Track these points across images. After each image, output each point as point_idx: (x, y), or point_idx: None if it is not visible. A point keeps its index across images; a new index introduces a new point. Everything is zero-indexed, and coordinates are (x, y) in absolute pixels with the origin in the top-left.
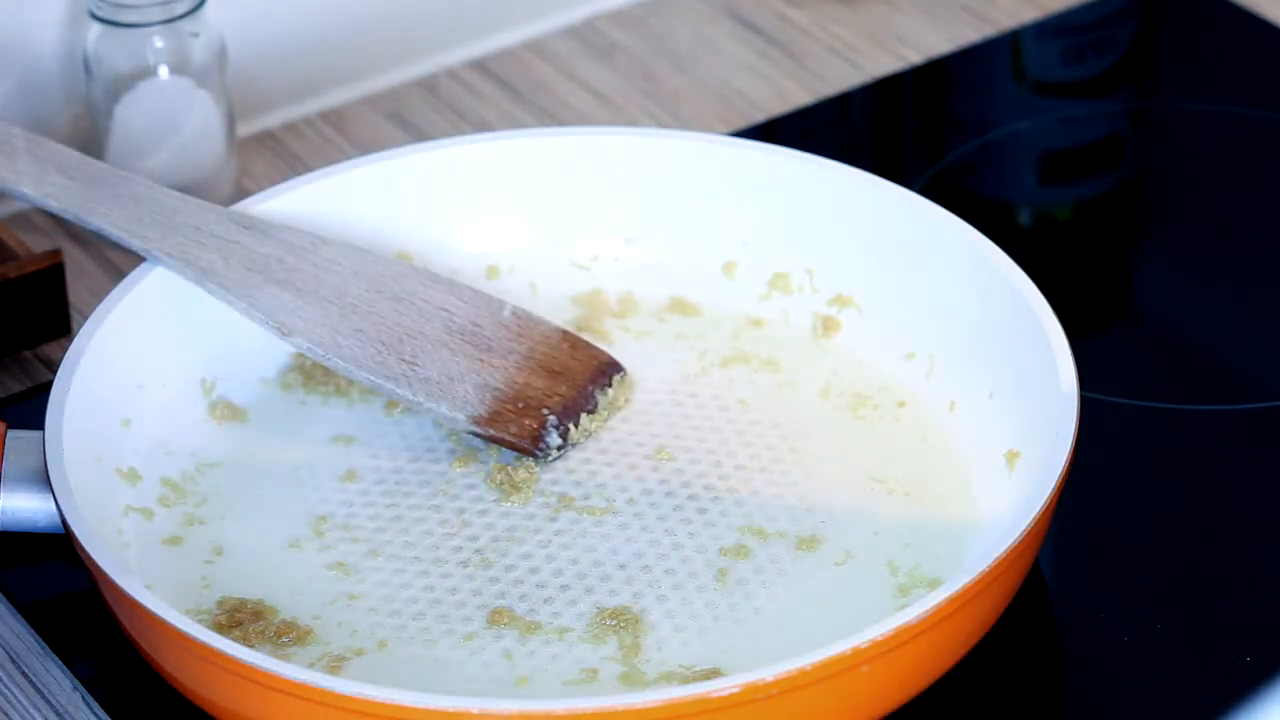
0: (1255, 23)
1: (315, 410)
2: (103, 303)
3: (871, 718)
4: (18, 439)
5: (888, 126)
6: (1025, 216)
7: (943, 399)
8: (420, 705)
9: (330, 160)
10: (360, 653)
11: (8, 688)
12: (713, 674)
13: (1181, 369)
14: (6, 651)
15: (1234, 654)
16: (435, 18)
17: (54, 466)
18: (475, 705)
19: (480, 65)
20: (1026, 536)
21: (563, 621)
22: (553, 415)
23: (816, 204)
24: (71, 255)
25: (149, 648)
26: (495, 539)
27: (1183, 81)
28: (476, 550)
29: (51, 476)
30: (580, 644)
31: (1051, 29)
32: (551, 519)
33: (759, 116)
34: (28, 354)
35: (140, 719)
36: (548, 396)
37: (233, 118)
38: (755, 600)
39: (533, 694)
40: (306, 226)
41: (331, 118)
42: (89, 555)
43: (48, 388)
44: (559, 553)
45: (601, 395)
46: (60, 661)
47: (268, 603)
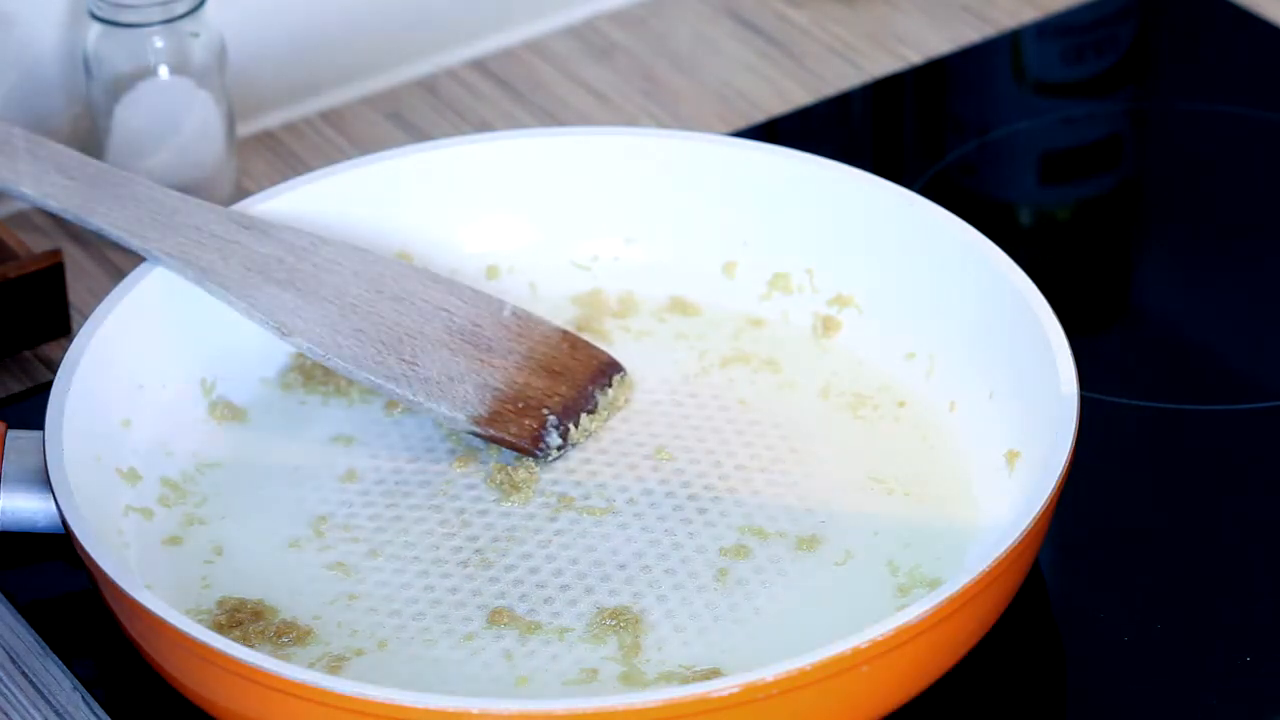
0: (1255, 23)
1: (315, 410)
2: (103, 303)
3: (871, 718)
4: (18, 439)
5: (888, 126)
6: (1025, 216)
7: (943, 399)
8: (420, 705)
9: (330, 160)
10: (360, 653)
11: (8, 688)
12: (713, 674)
13: (1181, 369)
14: (6, 651)
15: (1234, 654)
16: (435, 18)
17: (54, 466)
18: (475, 705)
19: (480, 65)
20: (1026, 536)
21: (563, 621)
22: (553, 415)
23: (816, 204)
24: (71, 255)
25: (149, 648)
26: (495, 539)
27: (1183, 81)
28: (476, 550)
29: (51, 476)
30: (580, 644)
31: (1051, 29)
32: (551, 519)
33: (759, 116)
34: (28, 354)
35: (140, 719)
36: (548, 396)
37: (233, 118)
38: (755, 600)
39: (533, 694)
40: (306, 226)
41: (331, 118)
42: (89, 555)
43: (48, 388)
44: (559, 553)
45: (601, 395)
46: (60, 661)
47: (268, 603)
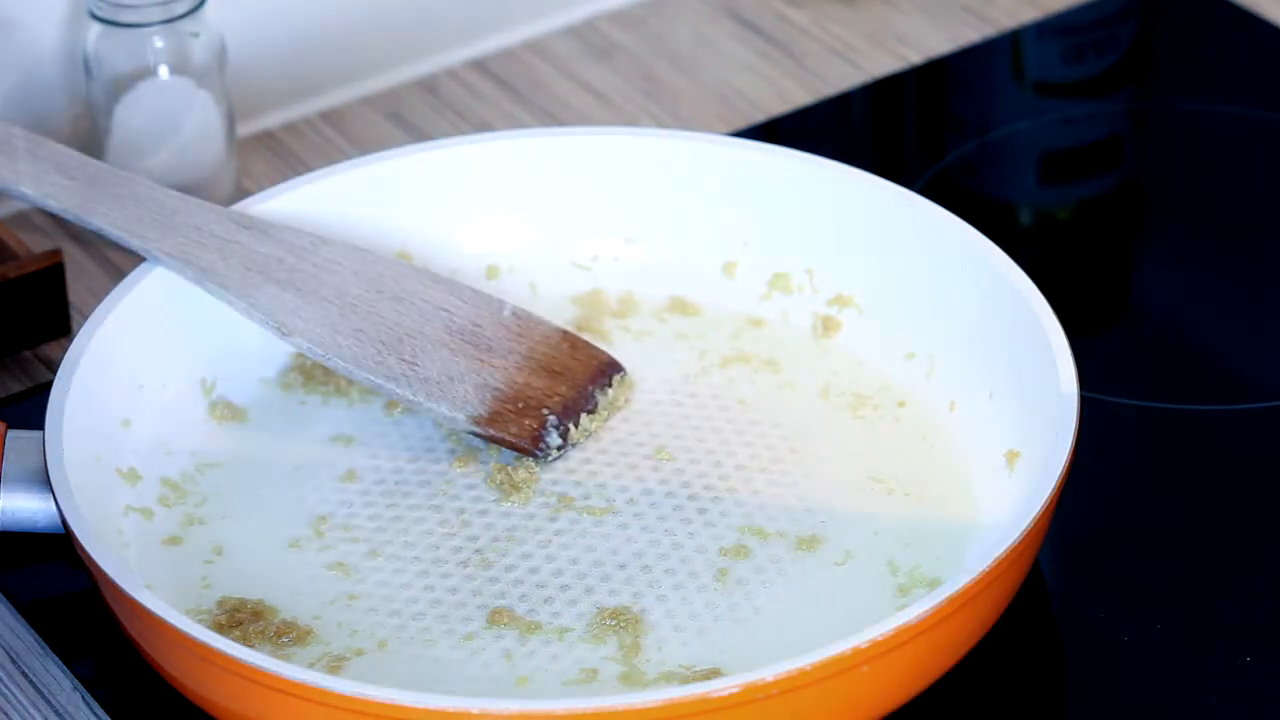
0: (1255, 23)
1: (315, 410)
2: (103, 303)
3: (871, 718)
4: (18, 439)
5: (888, 126)
6: (1025, 216)
7: (943, 399)
8: (420, 705)
9: (330, 160)
10: (360, 653)
11: (8, 688)
12: (713, 674)
13: (1181, 369)
14: (6, 651)
15: (1234, 654)
16: (435, 18)
17: (54, 466)
18: (475, 705)
19: (480, 65)
20: (1026, 536)
21: (563, 621)
22: (553, 415)
23: (816, 204)
24: (71, 255)
25: (149, 648)
26: (495, 539)
27: (1183, 81)
28: (476, 550)
29: (51, 476)
30: (580, 644)
31: (1051, 29)
32: (551, 519)
33: (759, 116)
34: (28, 354)
35: (140, 719)
36: (548, 396)
37: (233, 118)
38: (755, 600)
39: (533, 694)
40: (306, 226)
41: (331, 118)
42: (89, 555)
43: (48, 388)
44: (559, 553)
45: (601, 395)
46: (60, 661)
47: (268, 603)
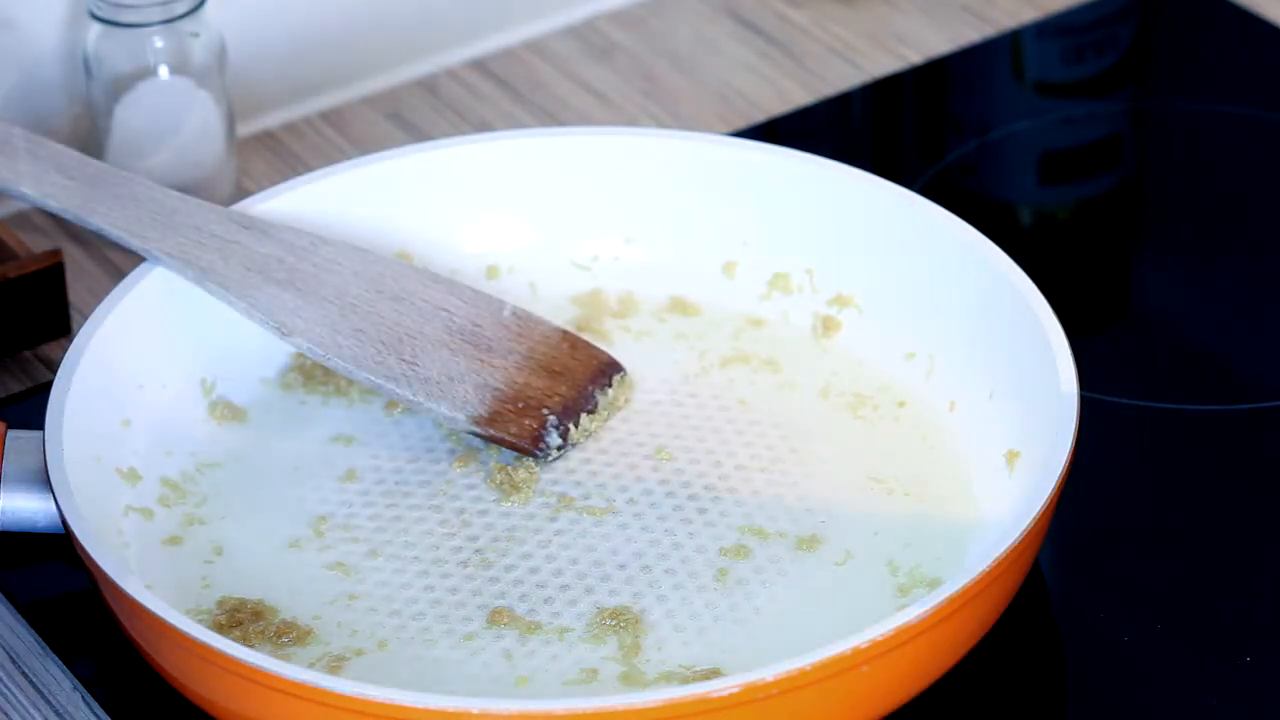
0: (1255, 23)
1: (315, 410)
2: (103, 303)
3: (871, 718)
4: (18, 439)
5: (888, 126)
6: (1025, 216)
7: (943, 399)
8: (420, 705)
9: (330, 160)
10: (360, 653)
11: (8, 688)
12: (713, 674)
13: (1181, 369)
14: (6, 651)
15: (1234, 654)
16: (435, 18)
17: (54, 466)
18: (475, 705)
19: (480, 65)
20: (1026, 536)
21: (563, 621)
22: (553, 415)
23: (816, 204)
24: (71, 255)
25: (149, 648)
26: (495, 539)
27: (1183, 81)
28: (476, 550)
29: (51, 476)
30: (580, 644)
31: (1051, 29)
32: (551, 519)
33: (759, 116)
34: (28, 354)
35: (140, 719)
36: (548, 396)
37: (233, 118)
38: (755, 600)
39: (533, 694)
40: (306, 226)
41: (331, 118)
42: (89, 555)
43: (48, 388)
44: (559, 553)
45: (601, 395)
46: (60, 661)
47: (268, 603)
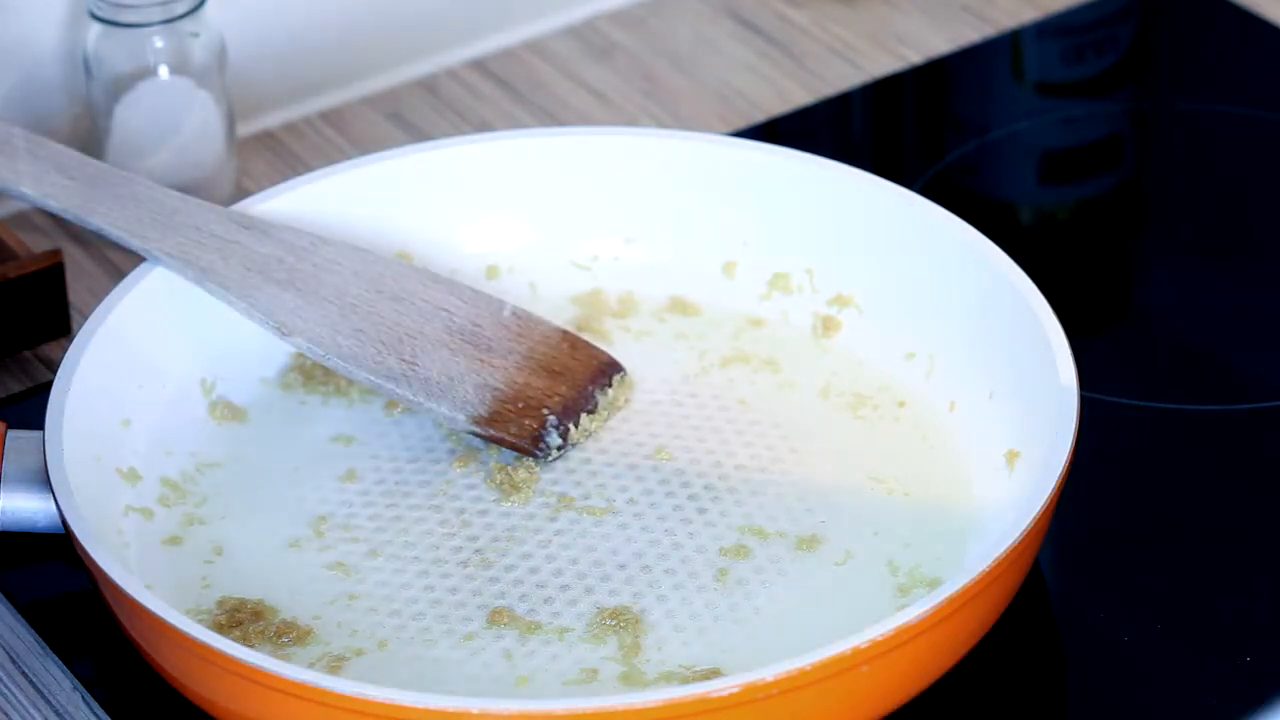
0: (1255, 23)
1: (315, 410)
2: (103, 303)
3: (871, 718)
4: (18, 439)
5: (888, 126)
6: (1025, 216)
7: (943, 399)
8: (420, 705)
9: (330, 160)
10: (360, 653)
11: (8, 688)
12: (713, 674)
13: (1181, 369)
14: (6, 651)
15: (1234, 654)
16: (435, 18)
17: (54, 466)
18: (475, 705)
19: (480, 65)
20: (1026, 536)
21: (563, 621)
22: (553, 415)
23: (816, 204)
24: (71, 255)
25: (149, 648)
26: (495, 539)
27: (1183, 81)
28: (476, 550)
29: (51, 476)
30: (580, 644)
31: (1051, 29)
32: (551, 519)
33: (759, 116)
34: (28, 354)
35: (140, 719)
36: (548, 396)
37: (233, 118)
38: (755, 600)
39: (533, 694)
40: (306, 226)
41: (331, 118)
42: (89, 555)
43: (48, 388)
44: (559, 553)
45: (601, 395)
46: (60, 661)
47: (268, 603)
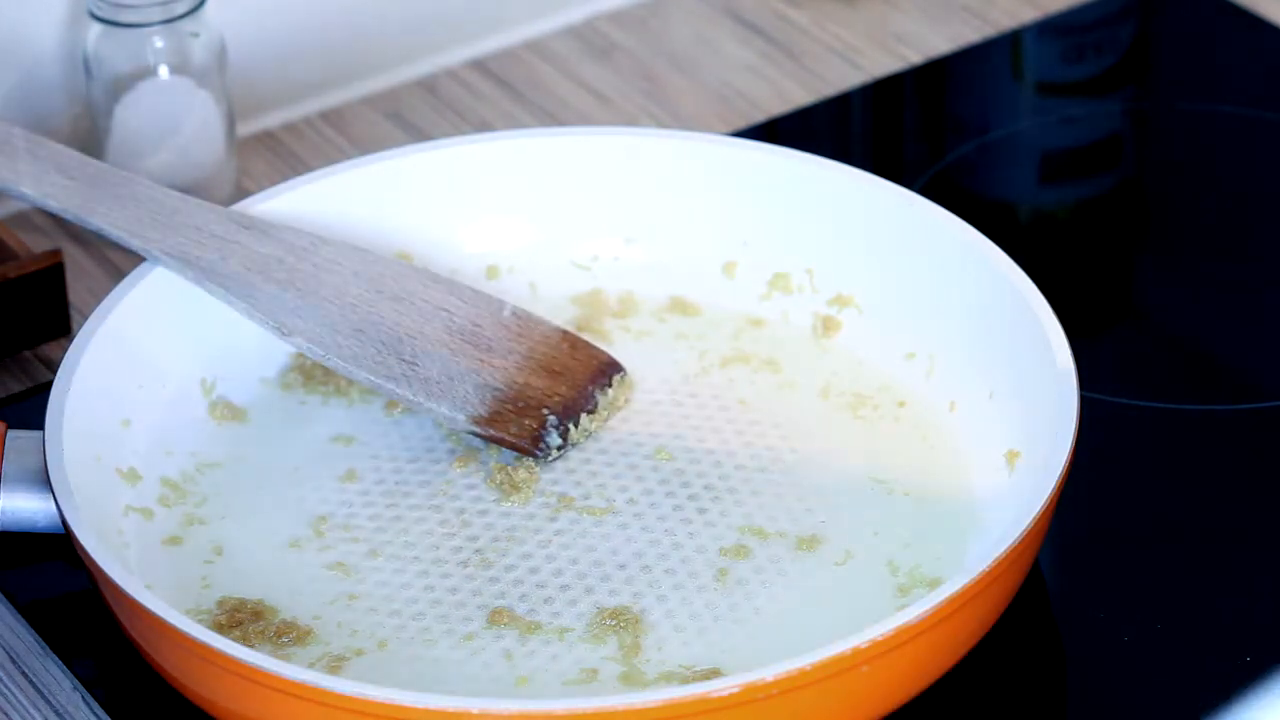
0: (1255, 23)
1: (315, 410)
2: (103, 303)
3: (871, 718)
4: (18, 439)
5: (888, 126)
6: (1025, 216)
7: (943, 399)
8: (420, 705)
9: (330, 160)
10: (360, 653)
11: (8, 688)
12: (713, 674)
13: (1181, 369)
14: (6, 651)
15: (1234, 654)
16: (435, 18)
17: (54, 466)
18: (475, 705)
19: (480, 65)
20: (1026, 536)
21: (563, 621)
22: (553, 415)
23: (816, 204)
24: (71, 255)
25: (149, 648)
26: (495, 539)
27: (1183, 81)
28: (476, 550)
29: (51, 476)
30: (580, 644)
31: (1051, 29)
32: (551, 519)
33: (759, 116)
34: (28, 354)
35: (140, 719)
36: (548, 396)
37: (233, 118)
38: (755, 600)
39: (533, 694)
40: (306, 226)
41: (331, 118)
42: (89, 555)
43: (48, 388)
44: (559, 553)
45: (601, 395)
46: (60, 661)
47: (268, 603)
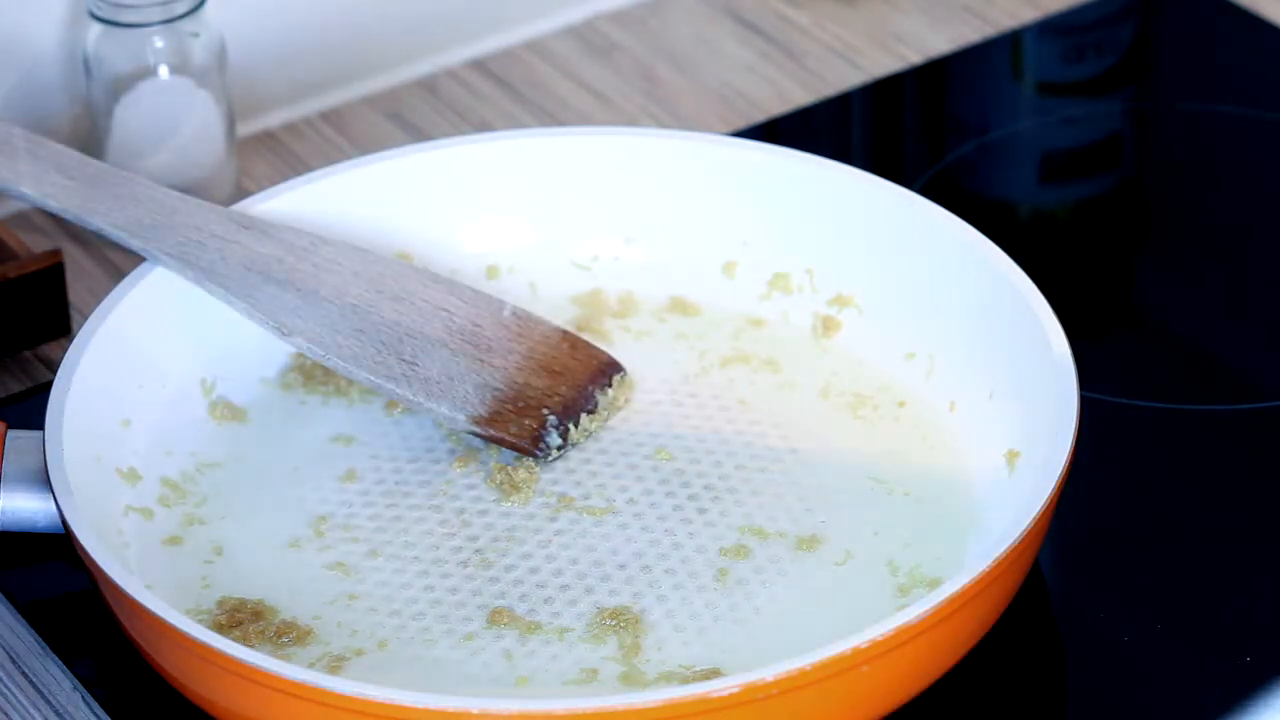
0: (1255, 23)
1: (315, 410)
2: (103, 303)
3: (871, 718)
4: (18, 439)
5: (888, 126)
6: (1025, 216)
7: (943, 399)
8: (420, 705)
9: (330, 160)
10: (360, 653)
11: (8, 688)
12: (713, 674)
13: (1181, 369)
14: (6, 651)
15: (1234, 654)
16: (435, 18)
17: (54, 466)
18: (475, 705)
19: (480, 65)
20: (1026, 536)
21: (563, 621)
22: (553, 415)
23: (816, 204)
24: (71, 255)
25: (149, 648)
26: (495, 539)
27: (1183, 81)
28: (476, 550)
29: (51, 476)
30: (580, 644)
31: (1051, 29)
32: (551, 519)
33: (759, 116)
34: (28, 354)
35: (140, 719)
36: (548, 396)
37: (233, 118)
38: (755, 600)
39: (533, 694)
40: (306, 226)
41: (331, 118)
42: (89, 555)
43: (48, 388)
44: (559, 553)
45: (601, 395)
46: (60, 661)
47: (268, 603)
